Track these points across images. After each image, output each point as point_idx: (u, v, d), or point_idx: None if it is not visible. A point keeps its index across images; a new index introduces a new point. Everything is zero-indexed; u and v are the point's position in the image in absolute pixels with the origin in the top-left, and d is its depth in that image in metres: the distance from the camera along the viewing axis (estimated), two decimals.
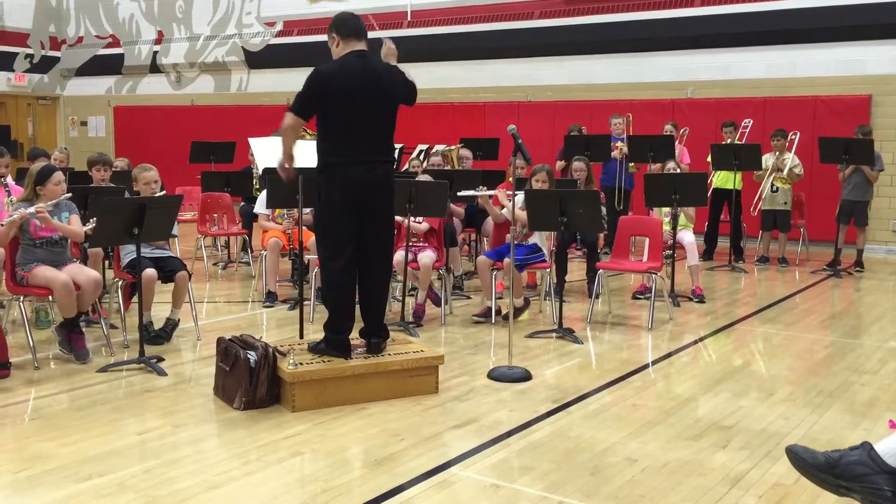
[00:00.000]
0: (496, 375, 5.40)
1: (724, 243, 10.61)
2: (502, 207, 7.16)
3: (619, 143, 10.54)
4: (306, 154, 5.20)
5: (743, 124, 11.00)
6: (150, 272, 5.99)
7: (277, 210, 7.84)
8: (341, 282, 5.00)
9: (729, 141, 10.64)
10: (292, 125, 4.97)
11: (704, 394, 5.18)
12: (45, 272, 5.55)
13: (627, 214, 9.77)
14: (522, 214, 6.63)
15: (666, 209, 8.12)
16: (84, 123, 19.80)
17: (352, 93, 4.86)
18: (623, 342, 6.52)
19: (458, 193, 7.46)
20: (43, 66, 19.58)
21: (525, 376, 5.40)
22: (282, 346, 5.09)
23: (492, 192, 7.27)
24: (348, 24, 5.01)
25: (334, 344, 4.98)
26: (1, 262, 6.07)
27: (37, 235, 5.65)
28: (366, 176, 4.92)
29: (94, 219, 5.63)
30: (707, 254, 10.54)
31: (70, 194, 5.79)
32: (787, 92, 12.05)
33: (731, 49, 12.48)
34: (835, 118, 11.52)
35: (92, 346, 5.85)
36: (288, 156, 5.07)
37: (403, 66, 5.21)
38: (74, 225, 5.81)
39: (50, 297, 5.66)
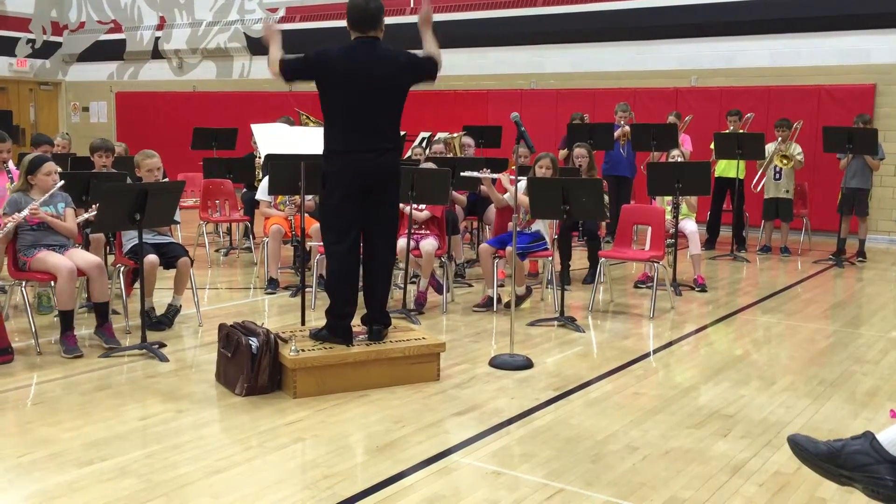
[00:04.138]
0: (497, 363, 5.41)
1: (726, 232, 10.61)
2: (506, 192, 7.14)
3: (622, 127, 10.53)
4: (312, 141, 5.17)
5: (746, 117, 10.96)
6: (152, 258, 5.98)
7: (280, 197, 7.84)
8: (345, 267, 5.00)
9: (733, 129, 10.61)
10: (275, 73, 5.10)
11: (705, 383, 5.18)
12: (49, 258, 5.52)
13: (629, 203, 9.75)
14: (525, 199, 6.61)
15: (668, 198, 8.11)
16: (86, 109, 19.76)
17: (351, 79, 4.84)
18: (624, 331, 6.52)
19: (462, 174, 7.43)
20: (45, 51, 19.53)
21: (526, 364, 5.40)
22: (283, 332, 5.08)
23: (495, 175, 7.24)
24: (351, 14, 5.01)
25: (336, 330, 4.98)
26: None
27: (32, 222, 5.60)
28: (372, 163, 4.90)
29: (97, 204, 5.61)
30: (709, 243, 10.53)
31: (62, 182, 5.74)
32: (790, 81, 12.01)
33: (736, 37, 12.43)
34: (839, 107, 11.48)
35: (91, 332, 5.84)
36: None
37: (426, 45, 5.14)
38: (69, 220, 5.76)
39: (52, 283, 5.64)
